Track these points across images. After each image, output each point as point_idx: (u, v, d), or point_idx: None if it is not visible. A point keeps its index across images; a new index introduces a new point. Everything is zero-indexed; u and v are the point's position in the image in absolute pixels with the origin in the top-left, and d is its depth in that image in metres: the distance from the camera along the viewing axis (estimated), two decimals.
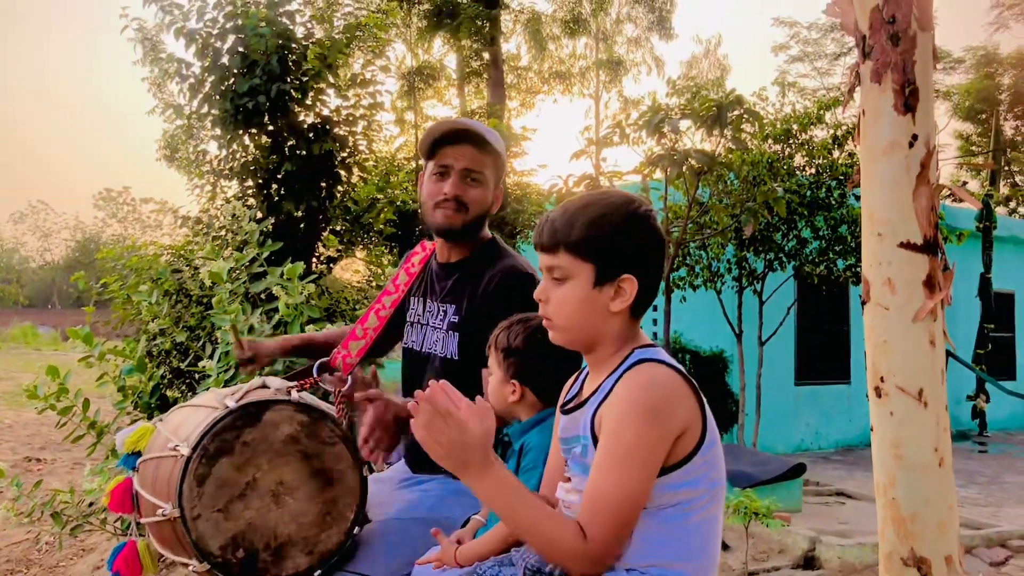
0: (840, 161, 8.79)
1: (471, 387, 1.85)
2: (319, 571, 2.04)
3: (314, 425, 2.07)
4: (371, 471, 2.18)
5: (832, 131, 8.89)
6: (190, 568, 1.95)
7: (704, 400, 1.51)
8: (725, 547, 5.45)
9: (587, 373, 1.64)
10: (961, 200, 13.40)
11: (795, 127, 8.76)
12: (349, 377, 2.21)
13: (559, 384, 1.82)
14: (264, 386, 2.15)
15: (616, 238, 1.54)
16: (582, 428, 1.54)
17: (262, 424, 2.02)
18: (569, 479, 1.61)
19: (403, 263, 2.59)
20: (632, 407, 1.43)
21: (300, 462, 2.04)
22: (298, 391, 2.18)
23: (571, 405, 1.63)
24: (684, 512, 1.48)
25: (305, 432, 2.06)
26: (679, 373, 1.49)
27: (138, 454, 2.16)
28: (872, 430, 1.98)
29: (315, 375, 2.39)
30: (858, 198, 1.95)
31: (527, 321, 1.95)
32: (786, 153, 8.83)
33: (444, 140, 2.31)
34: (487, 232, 2.45)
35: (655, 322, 10.31)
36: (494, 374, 1.97)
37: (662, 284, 6.85)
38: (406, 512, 2.22)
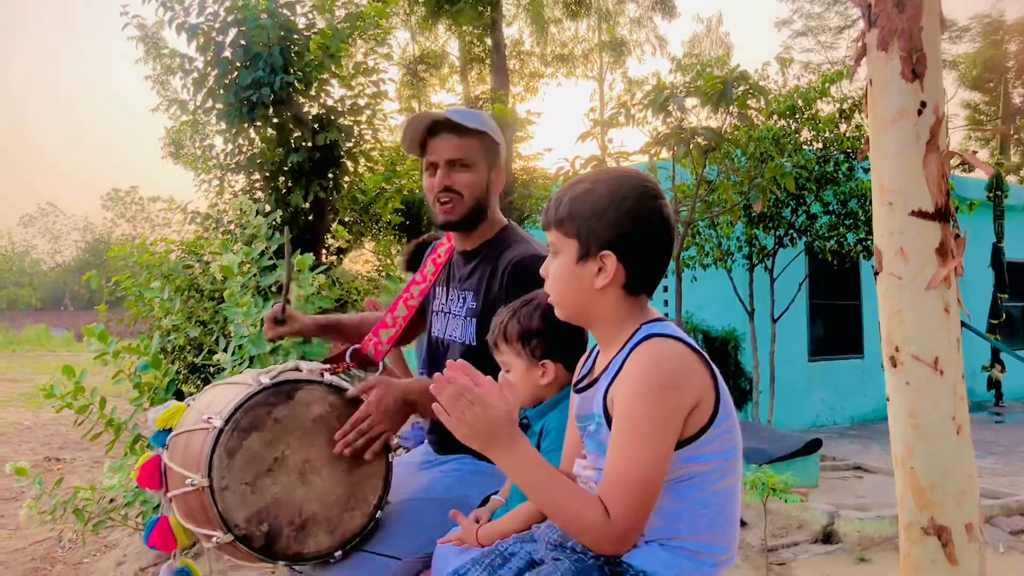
0: (847, 134, 8.73)
1: (489, 373, 1.85)
2: (339, 552, 2.05)
3: (345, 407, 2.09)
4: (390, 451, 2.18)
5: (838, 105, 8.82)
6: (213, 540, 1.96)
7: (716, 371, 1.50)
8: (743, 524, 5.46)
9: (599, 350, 1.64)
10: (971, 170, 13.31)
11: (800, 102, 8.70)
12: (381, 364, 2.24)
13: (583, 349, 1.83)
14: (297, 368, 2.17)
15: (595, 214, 1.53)
16: (595, 406, 1.54)
17: (294, 402, 2.04)
18: (585, 456, 1.61)
19: (430, 254, 2.61)
20: (642, 383, 1.43)
21: (328, 443, 2.05)
22: (331, 374, 2.19)
23: (584, 384, 1.62)
24: (701, 484, 1.48)
25: (335, 413, 2.08)
26: (688, 346, 1.48)
27: (169, 431, 2.19)
28: (888, 400, 1.97)
29: (348, 360, 2.43)
30: (867, 171, 1.94)
31: (528, 302, 1.94)
32: (792, 128, 8.77)
33: (426, 134, 2.31)
34: (501, 218, 2.44)
35: (666, 303, 10.31)
36: (513, 367, 1.94)
37: (672, 264, 6.84)
38: (425, 493, 2.23)
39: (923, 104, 1.89)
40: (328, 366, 2.27)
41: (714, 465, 1.48)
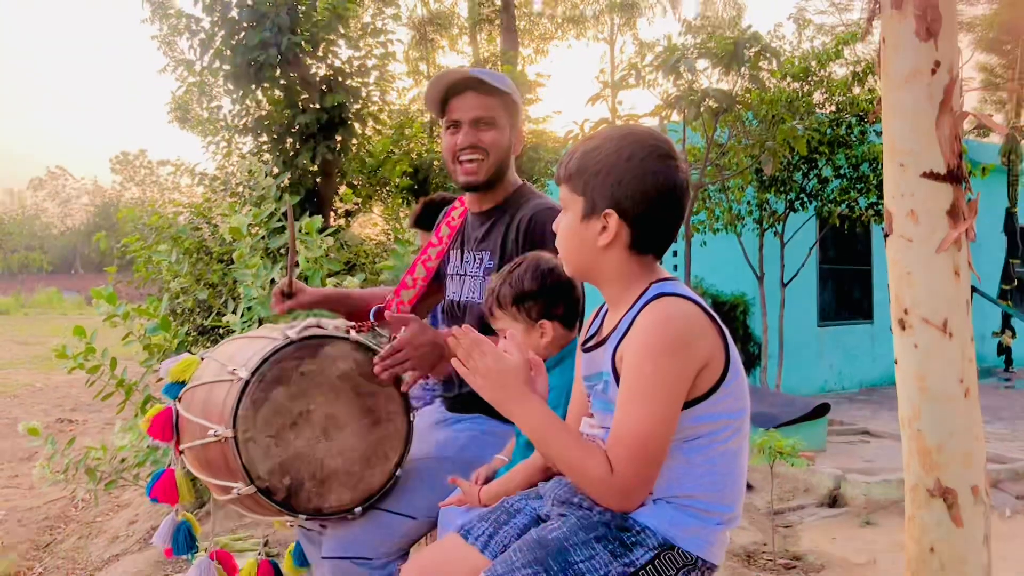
0: (860, 97, 8.62)
1: None
2: (359, 508, 2.07)
3: (369, 365, 2.10)
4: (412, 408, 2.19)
5: (852, 67, 8.71)
6: (232, 492, 1.98)
7: (726, 332, 1.50)
8: (750, 487, 5.49)
9: (607, 310, 1.63)
10: (986, 134, 13.15)
11: (814, 64, 8.59)
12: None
13: (578, 305, 1.86)
14: (319, 325, 2.17)
15: (601, 171, 1.51)
16: (603, 365, 1.54)
17: (320, 357, 2.06)
18: (592, 415, 1.62)
19: (443, 216, 2.61)
20: (652, 342, 1.43)
21: (352, 399, 2.07)
22: (356, 331, 2.21)
23: (592, 343, 1.62)
24: (709, 444, 1.48)
25: (360, 371, 2.09)
26: (699, 306, 1.47)
27: (182, 384, 2.21)
28: (896, 363, 1.97)
29: (372, 320, 2.45)
30: (879, 134, 1.91)
31: (518, 265, 1.94)
32: (805, 91, 8.67)
33: (449, 93, 2.29)
34: (516, 178, 2.44)
35: (675, 267, 10.28)
36: (511, 332, 1.93)
37: (681, 229, 6.79)
38: (439, 451, 2.25)
39: (937, 64, 1.86)
40: (352, 324, 2.29)
41: (722, 425, 1.49)
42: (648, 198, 1.50)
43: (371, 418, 2.09)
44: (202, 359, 2.28)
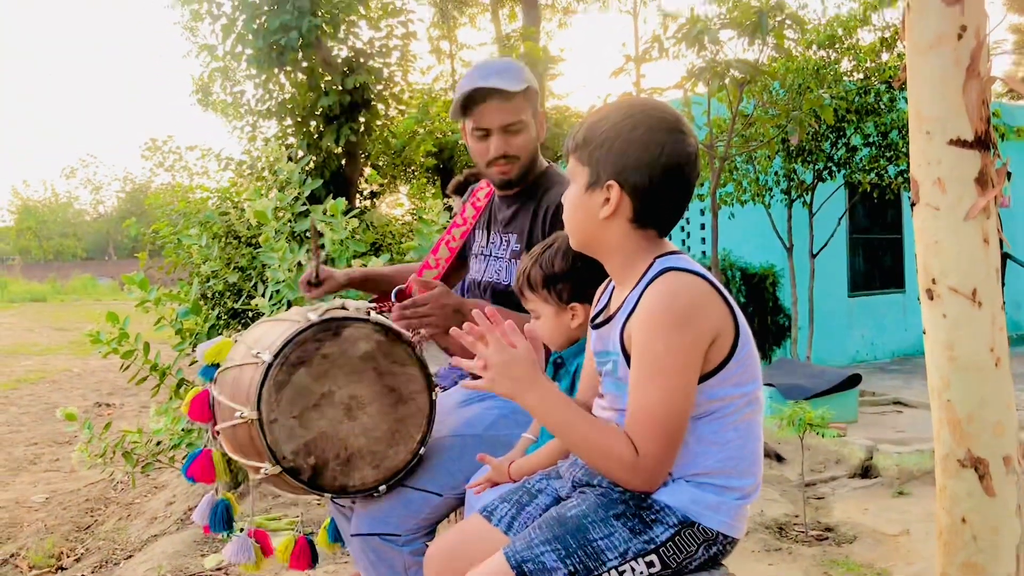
0: (889, 64, 8.48)
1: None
2: (383, 486, 2.11)
3: (390, 345, 2.14)
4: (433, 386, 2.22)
5: (879, 33, 8.56)
6: (261, 471, 2.03)
7: (734, 304, 1.48)
8: (781, 459, 5.48)
9: (613, 286, 1.62)
10: (1020, 97, 12.86)
11: (840, 31, 8.45)
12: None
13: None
14: (343, 307, 2.21)
15: (605, 142, 1.49)
16: (612, 344, 1.53)
17: (341, 339, 2.09)
18: (603, 396, 1.61)
19: (470, 196, 2.64)
20: (660, 318, 1.42)
21: (374, 379, 2.11)
22: (377, 313, 2.24)
23: (600, 320, 1.61)
24: (723, 418, 1.48)
25: (381, 351, 2.12)
26: (704, 279, 1.46)
27: (216, 366, 2.26)
28: (925, 333, 1.95)
29: (393, 300, 2.47)
30: (907, 100, 1.88)
31: (549, 246, 1.93)
32: (832, 59, 8.54)
33: (471, 100, 2.29)
34: (542, 160, 2.47)
35: (704, 240, 10.21)
36: (543, 313, 1.93)
37: (708, 201, 6.76)
38: (463, 429, 2.27)
39: (963, 28, 1.82)
40: (374, 305, 2.32)
41: (735, 399, 1.48)
42: (651, 171, 1.48)
43: (393, 397, 2.12)
44: (235, 341, 2.32)
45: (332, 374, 2.06)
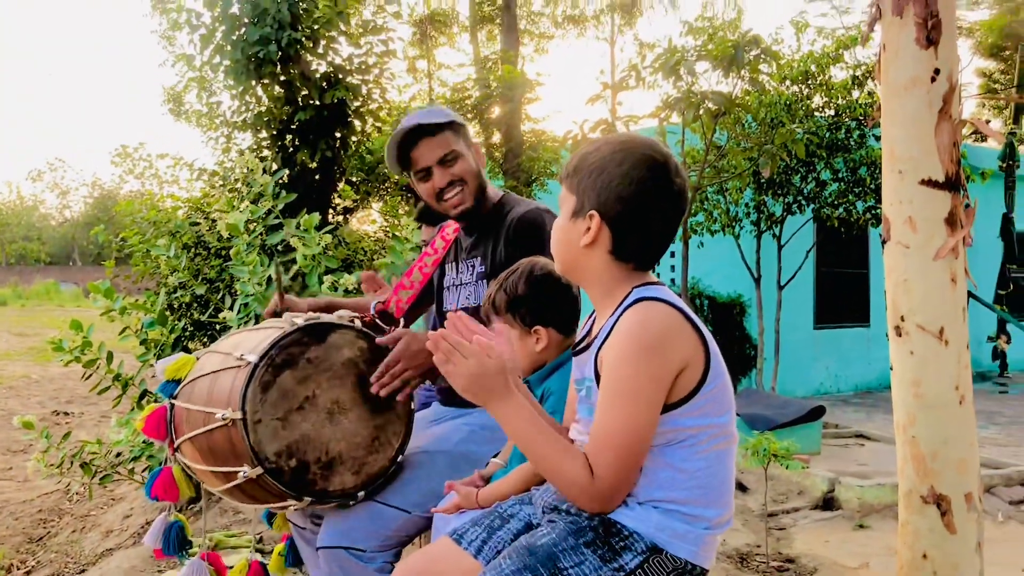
0: (859, 101, 8.64)
1: None
2: (362, 492, 2.12)
3: (373, 353, 2.17)
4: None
5: (851, 71, 8.72)
6: (240, 474, 2.01)
7: (707, 335, 1.50)
8: (744, 489, 5.50)
9: (596, 314, 1.64)
10: (983, 139, 13.16)
11: (813, 67, 8.60)
12: (400, 321, 2.49)
13: (575, 310, 1.87)
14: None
15: (593, 173, 1.52)
16: (588, 370, 1.55)
17: (326, 344, 2.12)
18: (579, 420, 1.63)
19: (439, 231, 2.71)
20: (629, 344, 1.44)
21: (356, 385, 2.14)
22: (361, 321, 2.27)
23: (581, 347, 1.63)
24: (692, 447, 1.48)
25: (364, 358, 2.16)
26: (678, 310, 1.48)
27: (177, 382, 2.23)
28: (892, 370, 1.97)
29: (372, 312, 2.57)
30: (878, 139, 1.92)
31: (515, 270, 1.96)
32: (804, 94, 8.68)
33: (405, 148, 2.39)
34: (495, 190, 2.55)
35: (672, 268, 10.29)
36: (499, 326, 1.96)
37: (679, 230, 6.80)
38: (433, 445, 2.29)
39: (936, 71, 1.87)
40: (356, 315, 2.35)
41: (704, 428, 1.48)
42: (631, 205, 1.50)
43: (374, 404, 2.15)
44: (198, 358, 2.30)
45: (316, 378, 2.08)
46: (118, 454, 4.15)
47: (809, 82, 8.67)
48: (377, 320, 2.59)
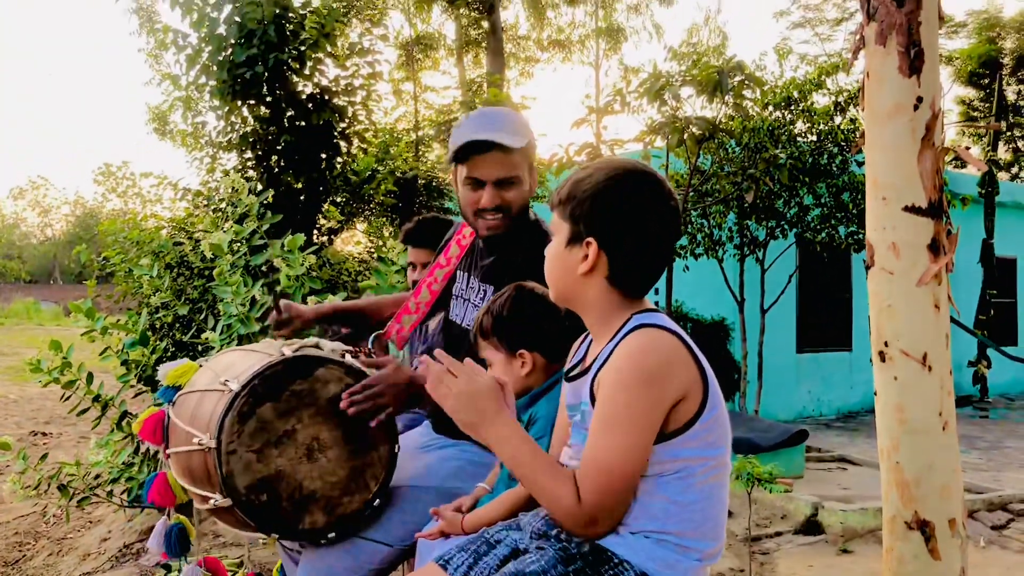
0: (842, 127, 8.73)
1: None
2: (332, 533, 2.05)
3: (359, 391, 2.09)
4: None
5: (833, 97, 8.82)
6: (211, 502, 1.97)
7: (706, 365, 1.49)
8: (728, 513, 5.49)
9: (591, 340, 1.63)
10: (964, 165, 13.31)
11: (796, 93, 8.69)
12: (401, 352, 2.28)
13: (562, 337, 1.83)
14: (317, 346, 2.18)
15: (588, 199, 1.52)
16: (583, 395, 1.54)
17: (312, 379, 2.05)
18: (571, 446, 1.62)
19: (454, 234, 2.57)
20: (627, 372, 1.43)
21: (338, 424, 2.06)
22: (352, 356, 2.20)
23: (575, 372, 1.63)
24: (687, 478, 1.47)
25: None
26: (679, 338, 1.47)
27: (178, 388, 2.20)
28: (876, 395, 1.98)
29: (369, 346, 2.47)
30: (860, 164, 1.95)
31: (503, 293, 1.96)
32: (787, 120, 8.77)
33: (471, 149, 2.21)
34: (531, 213, 2.38)
35: (656, 291, 10.31)
36: (494, 361, 1.95)
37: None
38: (420, 480, 2.22)
39: (919, 99, 1.89)
40: (351, 348, 2.26)
41: (701, 460, 1.47)
42: (630, 233, 1.50)
43: (355, 444, 2.07)
44: (200, 366, 2.28)
45: (298, 413, 2.02)
46: (96, 476, 4.10)
47: (792, 108, 8.76)
48: (372, 353, 2.43)
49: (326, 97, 6.22)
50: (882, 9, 1.91)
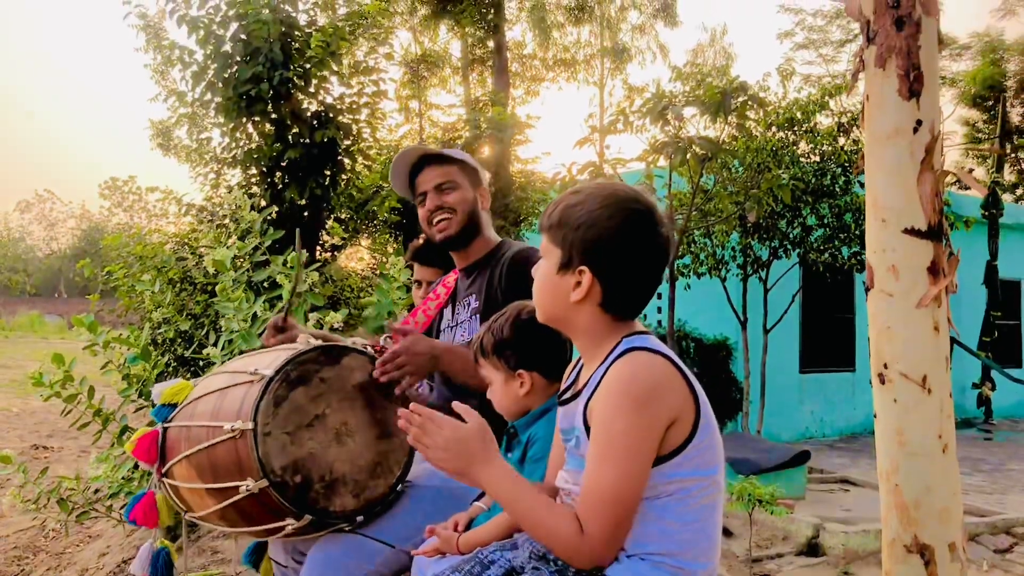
0: (845, 148, 8.75)
1: None
2: (361, 516, 2.12)
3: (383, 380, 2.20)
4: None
5: (837, 118, 8.85)
6: (242, 488, 2.00)
7: (697, 386, 1.49)
8: (729, 534, 5.46)
9: (583, 363, 1.63)
10: (967, 187, 13.33)
11: (799, 114, 8.72)
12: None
13: (562, 357, 1.85)
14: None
15: (580, 226, 1.52)
16: (576, 420, 1.53)
17: (340, 366, 2.16)
18: (567, 471, 1.61)
19: (442, 280, 2.83)
20: (619, 397, 1.42)
21: (365, 409, 2.17)
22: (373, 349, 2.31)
23: (567, 395, 1.62)
24: (682, 500, 1.47)
25: (374, 384, 2.20)
26: (669, 360, 1.47)
27: (173, 406, 2.23)
28: (875, 417, 1.98)
29: (382, 344, 2.51)
30: (863, 185, 1.95)
31: (503, 313, 1.98)
32: (790, 140, 8.80)
33: (412, 173, 2.61)
34: (495, 236, 2.67)
35: (659, 310, 10.32)
36: (494, 380, 1.97)
37: (665, 272, 6.84)
38: (422, 479, 2.28)
39: (919, 123, 1.89)
40: (367, 341, 2.38)
41: (694, 482, 1.47)
42: (624, 260, 1.51)
43: (380, 430, 2.17)
44: (195, 386, 2.30)
45: (328, 398, 2.11)
46: (96, 490, 4.09)
47: (795, 128, 8.79)
48: (387, 349, 2.62)
49: (331, 115, 6.24)
50: (881, 32, 1.92)
